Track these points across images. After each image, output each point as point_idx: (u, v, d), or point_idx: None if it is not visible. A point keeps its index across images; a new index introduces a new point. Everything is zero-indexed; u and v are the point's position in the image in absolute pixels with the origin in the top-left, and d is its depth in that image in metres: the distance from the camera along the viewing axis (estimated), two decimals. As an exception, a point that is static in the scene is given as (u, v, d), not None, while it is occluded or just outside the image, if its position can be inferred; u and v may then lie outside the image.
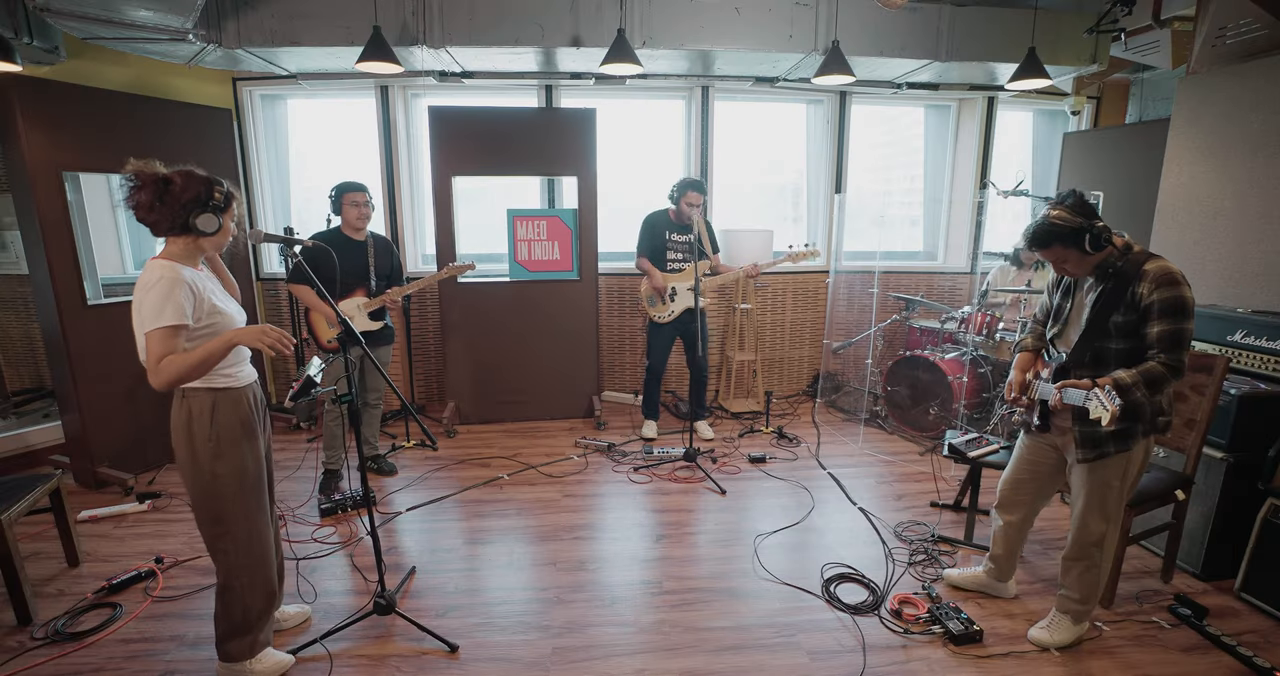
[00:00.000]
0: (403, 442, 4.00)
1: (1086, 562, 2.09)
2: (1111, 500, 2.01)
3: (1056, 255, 1.91)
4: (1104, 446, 1.94)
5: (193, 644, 2.19)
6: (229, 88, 4.31)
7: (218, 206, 1.79)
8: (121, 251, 4.13)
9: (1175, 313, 1.78)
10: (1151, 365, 1.80)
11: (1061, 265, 1.95)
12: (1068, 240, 1.84)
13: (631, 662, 2.11)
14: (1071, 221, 1.83)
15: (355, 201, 3.14)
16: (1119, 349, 1.88)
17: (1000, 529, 2.35)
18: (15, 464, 3.57)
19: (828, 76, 3.51)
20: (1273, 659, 2.07)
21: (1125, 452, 1.95)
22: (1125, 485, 2.00)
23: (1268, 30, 2.91)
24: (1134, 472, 2.00)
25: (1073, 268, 1.93)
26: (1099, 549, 2.07)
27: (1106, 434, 1.91)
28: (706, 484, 3.43)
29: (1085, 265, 1.91)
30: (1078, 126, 5.08)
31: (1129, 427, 1.91)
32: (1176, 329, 1.78)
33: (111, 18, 2.91)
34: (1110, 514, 2.02)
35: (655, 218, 3.90)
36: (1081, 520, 2.05)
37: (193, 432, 1.80)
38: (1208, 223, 3.19)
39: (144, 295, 1.71)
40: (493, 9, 3.56)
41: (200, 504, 1.85)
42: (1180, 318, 1.78)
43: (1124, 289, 1.84)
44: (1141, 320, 1.82)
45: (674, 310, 3.86)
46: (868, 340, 4.48)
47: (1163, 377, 1.79)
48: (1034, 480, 2.22)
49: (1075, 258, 1.89)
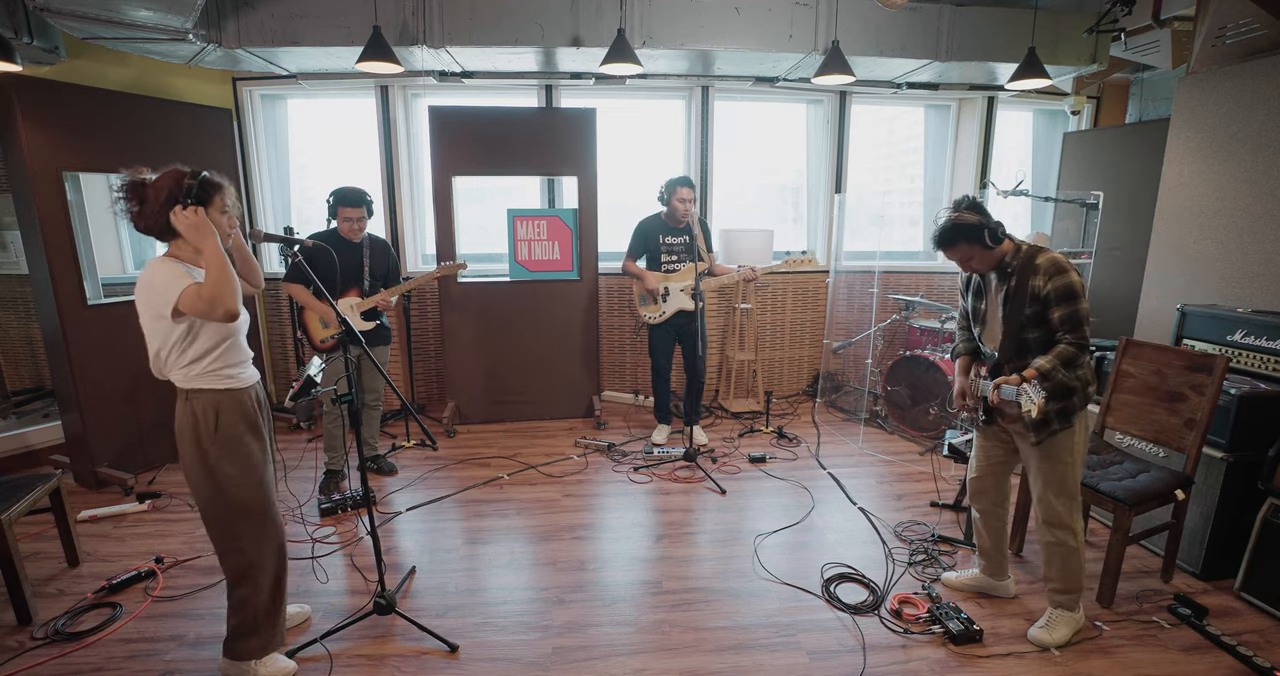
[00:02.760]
0: (403, 442, 4.00)
1: (1062, 548, 2.16)
2: (1068, 476, 2.12)
3: (962, 253, 2.07)
4: (1050, 425, 2.08)
5: (193, 644, 2.19)
6: (229, 88, 4.31)
7: (187, 199, 1.71)
8: (121, 251, 4.13)
9: (1069, 297, 1.96)
10: (1062, 347, 1.98)
11: (968, 262, 2.11)
12: (970, 236, 2.01)
13: (631, 662, 2.12)
14: (971, 219, 2.01)
15: (348, 216, 3.12)
16: (1036, 337, 2.05)
17: (978, 519, 2.42)
18: (15, 464, 3.57)
19: (828, 76, 3.51)
20: (1273, 659, 2.07)
21: (1069, 428, 2.08)
22: (1076, 459, 2.12)
23: (1268, 30, 2.91)
24: (1081, 445, 2.12)
25: (978, 263, 2.09)
26: (1069, 532, 2.14)
27: (1052, 413, 2.06)
28: (706, 484, 3.43)
29: (989, 260, 2.07)
30: (1078, 126, 5.08)
31: (1066, 405, 2.06)
32: (1073, 310, 1.96)
33: (111, 18, 2.90)
34: (1069, 489, 2.13)
35: (647, 223, 3.84)
36: (1042, 498, 2.16)
37: (199, 434, 1.80)
38: (1207, 222, 3.19)
39: (148, 293, 1.72)
40: (493, 9, 3.56)
41: (209, 505, 1.85)
42: (1074, 300, 1.96)
43: (1025, 283, 2.02)
44: (1044, 308, 2.00)
45: (665, 311, 3.80)
46: (868, 340, 4.48)
47: (1074, 355, 1.98)
48: (990, 467, 2.34)
49: (980, 253, 2.05)
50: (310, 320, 3.23)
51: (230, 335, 1.84)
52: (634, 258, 3.88)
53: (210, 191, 1.78)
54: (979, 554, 2.46)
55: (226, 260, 1.73)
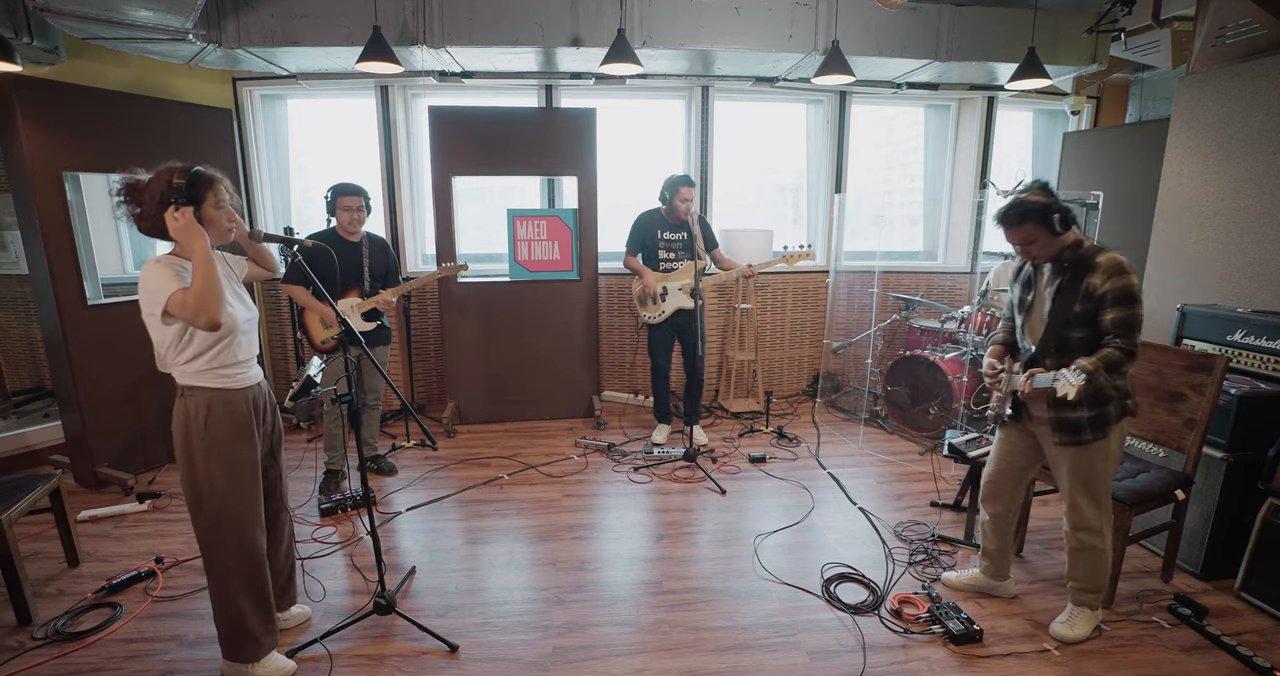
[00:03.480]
0: (403, 442, 4.00)
1: (1090, 552, 2.13)
2: (1099, 483, 2.08)
3: (1026, 235, 1.99)
4: (1082, 433, 2.03)
5: (193, 644, 2.19)
6: (229, 88, 4.31)
7: (180, 195, 1.69)
8: (122, 251, 4.13)
9: (1127, 300, 1.90)
10: (1109, 351, 1.91)
11: (1028, 246, 2.02)
12: (1038, 218, 1.94)
13: (631, 662, 2.11)
14: (1042, 201, 1.94)
15: (347, 206, 3.13)
16: (1080, 337, 1.99)
17: (988, 522, 2.39)
18: (15, 464, 3.57)
19: (828, 76, 3.51)
20: (1273, 659, 2.07)
21: (1104, 440, 2.03)
22: (1109, 466, 2.08)
23: (1268, 30, 2.91)
24: (1115, 453, 2.08)
25: (1038, 250, 2.02)
26: (1099, 536, 2.12)
27: (1085, 421, 2.01)
28: (706, 484, 3.43)
29: (1050, 248, 2.00)
30: (1078, 126, 5.08)
31: (1103, 413, 2.01)
32: (1129, 314, 1.90)
33: (111, 18, 2.90)
34: (1099, 496, 2.10)
35: (647, 216, 3.84)
36: (1073, 504, 2.13)
37: (188, 431, 1.81)
38: (1207, 222, 3.19)
39: (144, 293, 1.72)
40: (493, 9, 3.56)
41: (193, 502, 1.85)
42: (1131, 303, 1.90)
43: (1079, 280, 1.96)
44: (1097, 308, 1.94)
45: (665, 310, 3.79)
46: (868, 340, 4.48)
47: (1120, 360, 1.90)
48: (1010, 471, 2.30)
49: (1043, 238, 1.98)
50: (310, 321, 3.23)
51: (228, 334, 1.83)
52: (633, 253, 3.88)
53: (202, 188, 1.75)
54: (982, 555, 2.45)
55: (214, 267, 1.70)
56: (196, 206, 1.74)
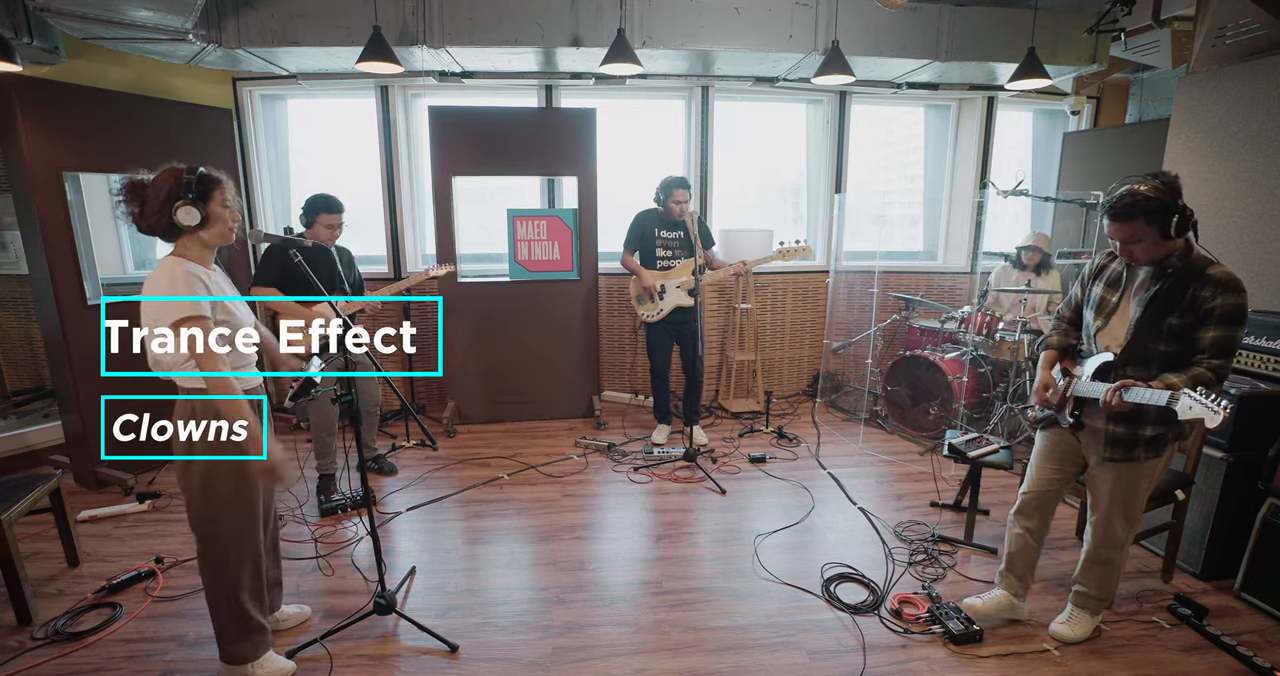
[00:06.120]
0: (403, 443, 4.00)
1: (1108, 565, 2.11)
2: (1138, 503, 2.03)
3: (1134, 232, 1.75)
4: (1135, 450, 1.91)
5: (193, 644, 2.19)
6: (229, 88, 4.31)
7: (189, 194, 1.71)
8: (121, 251, 4.13)
9: (1236, 320, 1.74)
10: (1200, 370, 1.73)
11: (1131, 246, 1.79)
12: (1153, 216, 1.71)
13: (631, 662, 2.12)
14: (1164, 197, 1.71)
15: (330, 224, 3.10)
16: (1165, 351, 1.82)
17: (1019, 536, 2.22)
18: (15, 464, 3.57)
19: (828, 76, 3.51)
20: (1273, 659, 2.07)
21: (1156, 459, 1.94)
22: (1151, 487, 2.03)
23: (1268, 30, 2.91)
24: (1161, 476, 2.02)
25: (1141, 252, 1.79)
26: (1121, 551, 2.10)
27: (1142, 438, 1.89)
28: (706, 484, 3.43)
29: (1154, 251, 1.78)
30: (1078, 126, 5.08)
31: (1162, 434, 1.90)
32: (1232, 336, 1.74)
33: (111, 18, 2.90)
34: (1134, 516, 2.05)
35: (645, 215, 3.84)
36: (1107, 521, 2.05)
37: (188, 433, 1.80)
38: (1208, 222, 3.16)
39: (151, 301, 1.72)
40: (493, 9, 3.56)
41: (192, 504, 1.85)
42: (1238, 325, 1.75)
43: (1183, 291, 1.77)
44: (1197, 324, 1.77)
45: (663, 309, 3.80)
46: (868, 340, 4.48)
47: (1211, 383, 1.71)
48: (1050, 485, 2.16)
49: (1152, 239, 1.75)
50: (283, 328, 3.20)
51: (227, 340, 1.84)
52: (631, 251, 3.88)
53: (210, 187, 1.78)
54: (1007, 570, 2.26)
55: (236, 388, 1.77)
56: (205, 202, 1.76)
